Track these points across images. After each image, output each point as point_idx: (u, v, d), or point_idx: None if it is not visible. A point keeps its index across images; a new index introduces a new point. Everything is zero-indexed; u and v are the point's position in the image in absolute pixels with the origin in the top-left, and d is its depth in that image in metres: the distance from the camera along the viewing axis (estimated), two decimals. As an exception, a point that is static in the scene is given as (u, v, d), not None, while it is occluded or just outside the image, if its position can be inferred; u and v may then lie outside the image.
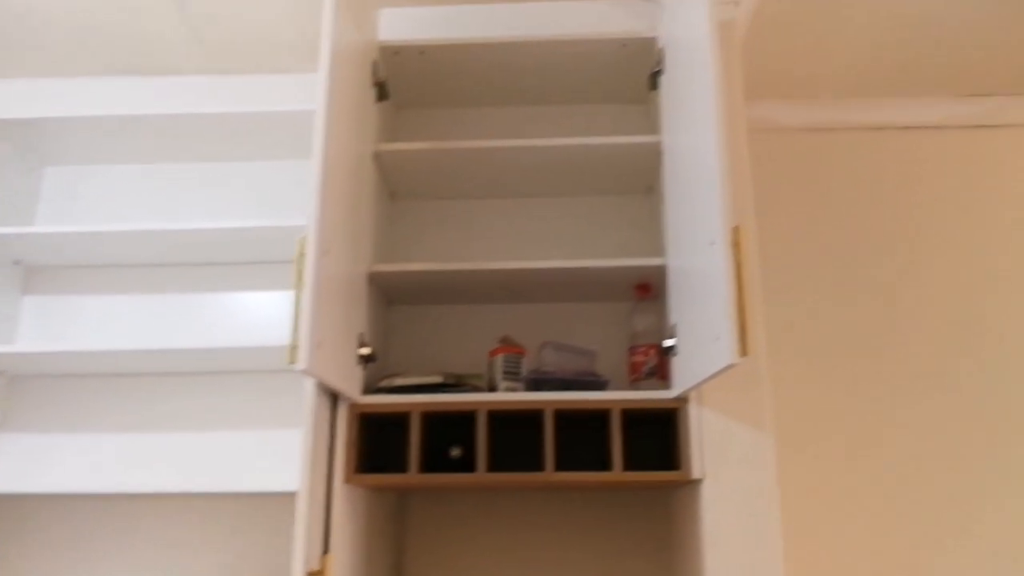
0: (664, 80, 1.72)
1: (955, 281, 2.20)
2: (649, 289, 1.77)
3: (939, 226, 2.25)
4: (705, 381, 1.38)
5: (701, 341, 1.38)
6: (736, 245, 1.30)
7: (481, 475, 1.51)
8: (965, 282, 2.20)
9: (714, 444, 1.51)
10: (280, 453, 1.97)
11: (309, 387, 1.43)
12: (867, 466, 2.09)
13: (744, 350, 1.25)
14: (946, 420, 2.11)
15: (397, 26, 1.84)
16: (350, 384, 1.50)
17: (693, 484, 1.55)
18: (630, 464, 1.53)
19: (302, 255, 1.32)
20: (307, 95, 1.94)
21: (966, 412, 2.11)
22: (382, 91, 1.78)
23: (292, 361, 1.28)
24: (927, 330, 2.17)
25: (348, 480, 1.51)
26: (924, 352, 2.16)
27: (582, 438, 1.73)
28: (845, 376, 2.15)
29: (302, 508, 1.34)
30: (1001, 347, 2.15)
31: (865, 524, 2.06)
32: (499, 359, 1.69)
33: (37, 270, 2.12)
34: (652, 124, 1.85)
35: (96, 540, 1.96)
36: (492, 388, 1.68)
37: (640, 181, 1.90)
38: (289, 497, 1.41)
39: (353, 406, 1.55)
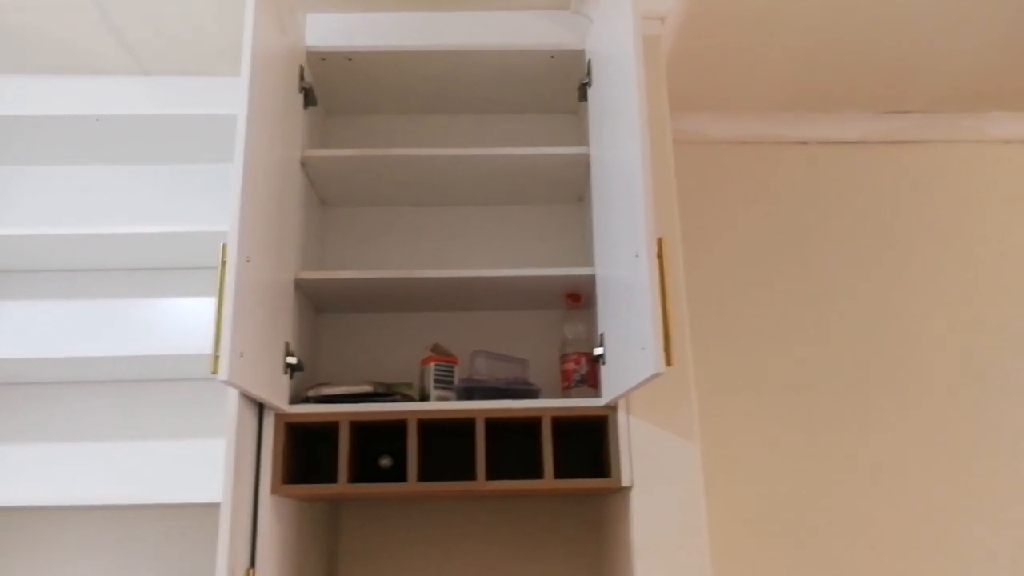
0: (592, 92, 1.74)
1: (876, 290, 2.28)
2: (579, 298, 1.78)
3: (860, 237, 2.33)
4: (632, 390, 1.40)
5: (628, 350, 1.40)
6: (660, 257, 1.32)
7: (412, 485, 1.50)
8: (886, 291, 2.28)
9: (642, 452, 1.54)
10: (206, 463, 1.93)
11: (232, 397, 1.40)
12: (794, 478, 2.14)
13: (669, 360, 1.27)
14: (873, 431, 2.18)
15: (325, 32, 1.82)
16: (276, 394, 1.47)
17: (623, 492, 1.57)
18: (561, 472, 1.55)
19: (223, 263, 1.30)
20: (233, 98, 1.92)
21: (894, 423, 2.19)
22: (309, 97, 1.76)
23: (214, 371, 1.25)
24: (852, 339, 2.25)
25: (275, 491, 1.48)
26: (849, 361, 2.23)
27: (514, 446, 1.74)
28: (772, 385, 2.21)
29: (225, 519, 1.31)
30: (925, 354, 2.24)
31: (790, 534, 2.11)
32: (431, 368, 1.68)
33: (-53, 277, 2.03)
34: (583, 134, 1.87)
35: (14, 554, 1.88)
36: (424, 397, 1.67)
37: (571, 191, 1.92)
38: (215, 508, 1.38)
39: (280, 416, 1.52)
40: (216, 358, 1.26)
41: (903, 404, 2.20)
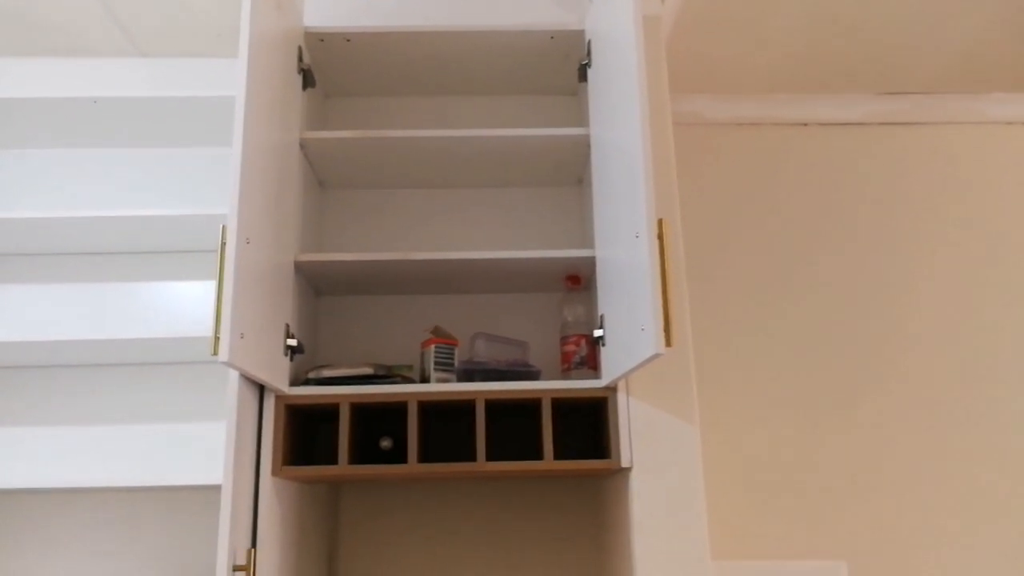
0: (592, 73, 1.73)
1: (877, 271, 2.29)
2: (579, 280, 1.78)
3: (861, 219, 2.33)
4: (632, 371, 1.40)
5: (628, 331, 1.40)
6: (660, 238, 1.32)
7: (412, 466, 1.51)
8: (887, 272, 2.28)
9: (642, 433, 1.54)
10: (207, 446, 1.93)
11: (233, 378, 1.40)
12: (793, 458, 2.15)
13: (669, 341, 1.27)
14: (874, 413, 2.19)
15: (323, 12, 1.81)
16: (276, 375, 1.48)
17: (622, 472, 1.58)
18: (561, 453, 1.55)
19: (223, 244, 1.30)
20: (231, 80, 1.90)
21: (898, 407, 2.19)
22: (307, 78, 1.75)
23: (214, 352, 1.25)
24: (850, 322, 2.25)
25: (276, 473, 1.48)
26: (850, 345, 2.23)
27: (514, 428, 1.75)
28: (773, 367, 2.21)
29: (226, 501, 1.32)
30: (925, 335, 2.24)
31: (789, 513, 2.12)
32: (431, 350, 1.68)
33: (-55, 260, 2.03)
34: (583, 115, 1.86)
35: (16, 536, 1.89)
36: (425, 379, 1.67)
37: (571, 172, 1.91)
38: (217, 490, 1.39)
39: (280, 398, 1.52)
40: (216, 339, 1.26)
41: (901, 383, 2.20)
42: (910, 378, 2.21)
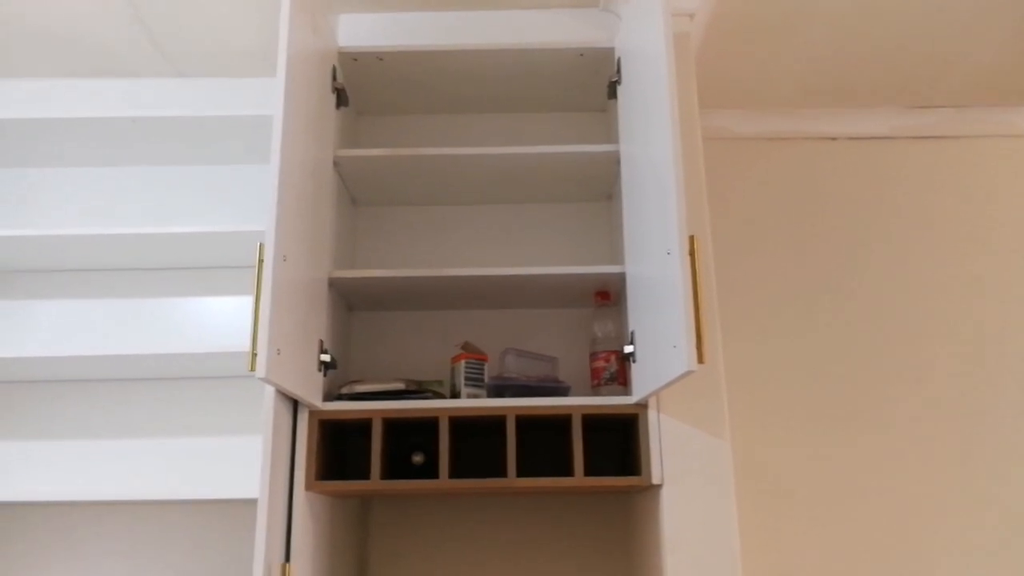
0: (621, 90, 1.74)
1: (905, 287, 2.27)
2: (609, 296, 1.79)
3: (890, 233, 2.31)
4: (663, 388, 1.40)
5: (659, 348, 1.40)
6: (692, 254, 1.33)
7: (443, 481, 1.52)
8: (915, 289, 2.27)
9: (673, 450, 1.54)
10: (241, 460, 1.95)
11: (268, 394, 1.42)
12: (823, 472, 2.14)
13: (701, 358, 1.28)
14: (904, 427, 2.16)
15: (356, 33, 1.84)
16: (311, 391, 1.49)
17: (653, 489, 1.58)
18: (591, 469, 1.55)
19: (260, 261, 1.32)
20: (266, 99, 1.94)
21: (926, 420, 2.17)
22: (341, 97, 1.78)
23: (252, 368, 1.27)
24: (880, 336, 2.23)
25: (309, 487, 1.50)
26: (879, 359, 2.21)
27: (544, 444, 1.75)
28: (802, 382, 2.20)
29: (262, 516, 1.33)
30: (954, 349, 2.22)
31: (821, 530, 2.10)
32: (461, 365, 1.69)
33: (-11, 275, 2.08)
34: (612, 132, 1.87)
35: (53, 549, 1.92)
36: (455, 395, 1.69)
37: (600, 188, 1.92)
38: (250, 504, 1.41)
39: (314, 413, 1.54)
40: (254, 356, 1.28)
41: (936, 398, 2.18)
42: (940, 397, 2.19)
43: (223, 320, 2.04)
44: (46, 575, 1.91)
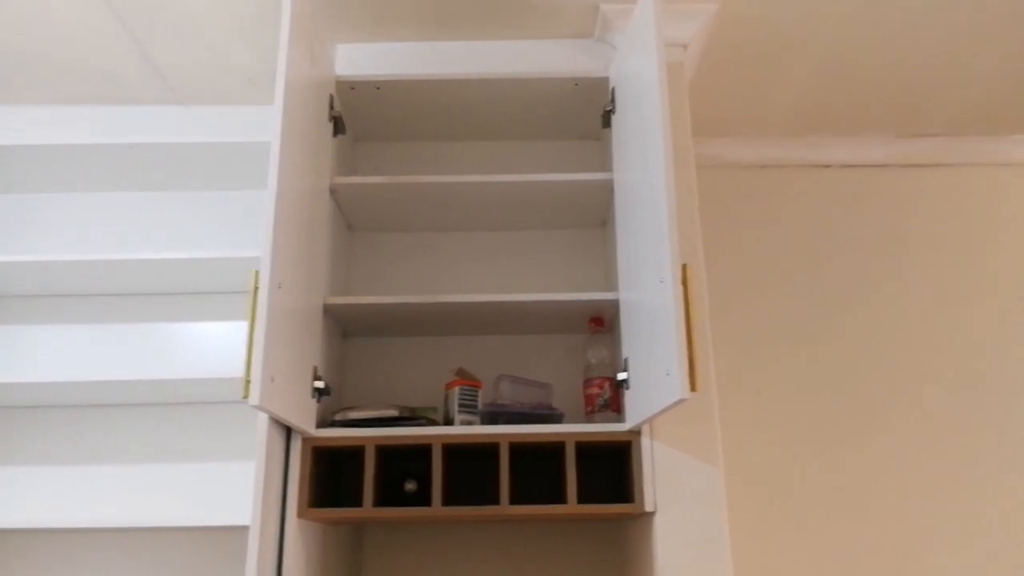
0: (616, 119, 1.76)
1: (900, 314, 2.28)
2: (603, 322, 1.79)
3: (884, 260, 2.33)
4: (656, 415, 1.41)
5: (652, 376, 1.41)
6: (685, 283, 1.33)
7: (437, 509, 1.51)
8: (910, 315, 2.28)
9: (666, 477, 1.54)
10: (234, 486, 1.95)
11: (262, 421, 1.42)
12: (815, 502, 2.13)
13: (694, 386, 1.28)
14: (898, 450, 2.17)
15: (354, 62, 1.86)
16: (304, 418, 1.49)
17: (646, 516, 1.58)
18: (584, 496, 1.55)
19: (255, 289, 1.33)
20: (263, 126, 1.96)
21: (920, 447, 2.17)
22: (338, 125, 1.80)
23: (245, 395, 1.27)
24: (875, 364, 2.24)
25: (302, 514, 1.50)
26: (875, 385, 2.22)
27: (538, 470, 1.75)
28: (794, 411, 2.21)
29: (253, 543, 1.33)
30: (947, 378, 2.23)
31: (818, 541, 2.09)
32: (455, 392, 1.69)
33: (-16, 300, 2.08)
34: (606, 160, 1.89)
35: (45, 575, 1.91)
36: (448, 421, 1.69)
37: (595, 215, 1.94)
38: (243, 531, 1.40)
39: (307, 440, 1.54)
40: (247, 383, 1.28)
41: (925, 420, 2.18)
42: (935, 416, 2.19)
43: (217, 345, 2.05)
44: (36, 602, 1.89)
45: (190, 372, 1.84)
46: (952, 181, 2.41)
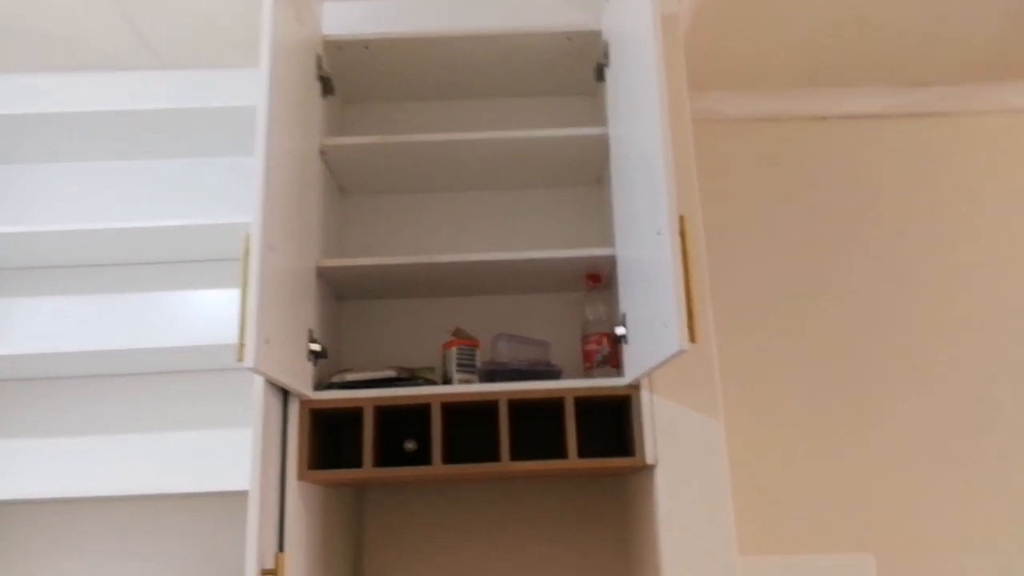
0: (609, 72, 1.73)
1: (899, 268, 2.26)
2: (599, 279, 1.78)
3: (883, 214, 2.30)
4: (655, 368, 1.40)
5: (651, 329, 1.40)
6: (682, 234, 1.32)
7: (437, 467, 1.51)
8: (910, 269, 2.26)
9: (666, 430, 1.54)
10: (234, 452, 1.95)
11: (258, 384, 1.41)
12: (818, 451, 2.13)
13: (693, 337, 1.27)
14: (900, 405, 2.16)
15: (341, 21, 1.82)
16: (300, 380, 1.49)
17: (647, 470, 1.58)
18: (585, 453, 1.55)
19: (247, 251, 1.31)
20: (252, 90, 1.92)
21: (924, 399, 2.16)
22: (327, 86, 1.77)
23: (240, 359, 1.26)
24: (874, 318, 2.22)
25: (302, 477, 1.50)
26: (874, 339, 2.21)
27: (538, 430, 1.75)
28: (795, 362, 2.20)
29: (253, 506, 1.33)
30: (947, 329, 2.21)
31: (815, 507, 2.10)
32: (453, 352, 1.69)
33: (-27, 273, 2.07)
34: (600, 115, 1.86)
35: (46, 546, 1.92)
36: (447, 381, 1.68)
37: (590, 172, 1.91)
38: (244, 496, 1.40)
39: (304, 402, 1.54)
40: (242, 346, 1.27)
41: (928, 376, 2.18)
42: (937, 371, 2.18)
43: (212, 313, 2.03)
44: (40, 572, 1.90)
45: (185, 340, 1.83)
46: (954, 131, 2.37)
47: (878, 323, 2.22)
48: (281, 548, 1.43)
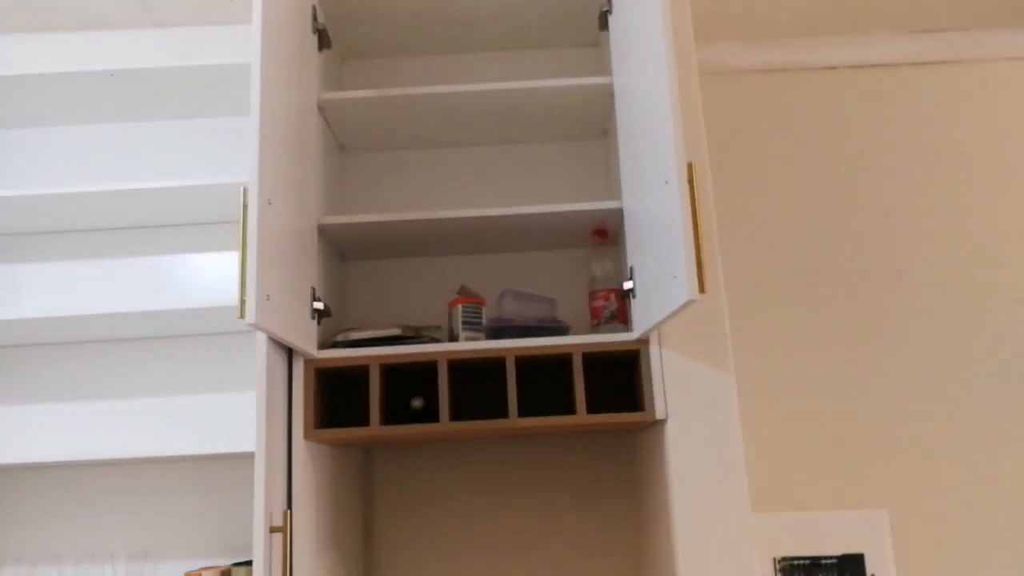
0: (613, 19, 1.68)
1: (913, 220, 2.22)
2: (607, 234, 1.75)
3: (896, 165, 2.26)
4: (665, 320, 1.37)
5: (659, 281, 1.37)
6: (691, 182, 1.28)
7: (444, 425, 1.50)
8: (923, 221, 2.22)
9: (676, 384, 1.51)
10: (240, 415, 1.95)
11: (261, 341, 1.39)
12: (828, 402, 2.11)
13: (703, 287, 1.24)
14: (912, 360, 2.13)
15: (336, -32, 1.77)
16: (305, 339, 1.46)
17: (657, 425, 1.56)
18: (594, 408, 1.53)
19: (245, 206, 1.28)
20: (248, 46, 1.88)
21: (936, 354, 2.14)
22: (323, 39, 1.72)
23: (241, 315, 1.24)
24: (887, 267, 2.19)
25: (308, 436, 1.48)
26: (887, 291, 2.17)
27: (546, 389, 1.73)
28: (805, 317, 2.17)
29: (260, 463, 1.32)
30: (960, 278, 2.18)
31: (828, 464, 2.08)
32: (459, 310, 1.66)
33: (-29, 239, 2.04)
34: (605, 67, 1.81)
35: (52, 509, 1.91)
36: (453, 339, 1.66)
37: (595, 125, 1.87)
38: (252, 458, 1.39)
39: (309, 362, 1.51)
40: (243, 303, 1.24)
41: (940, 331, 2.15)
42: (953, 323, 2.15)
43: (215, 276, 2.01)
44: (51, 534, 1.90)
45: (190, 302, 1.80)
46: (967, 78, 2.31)
47: (890, 275, 2.19)
48: (289, 507, 1.41)
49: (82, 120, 2.08)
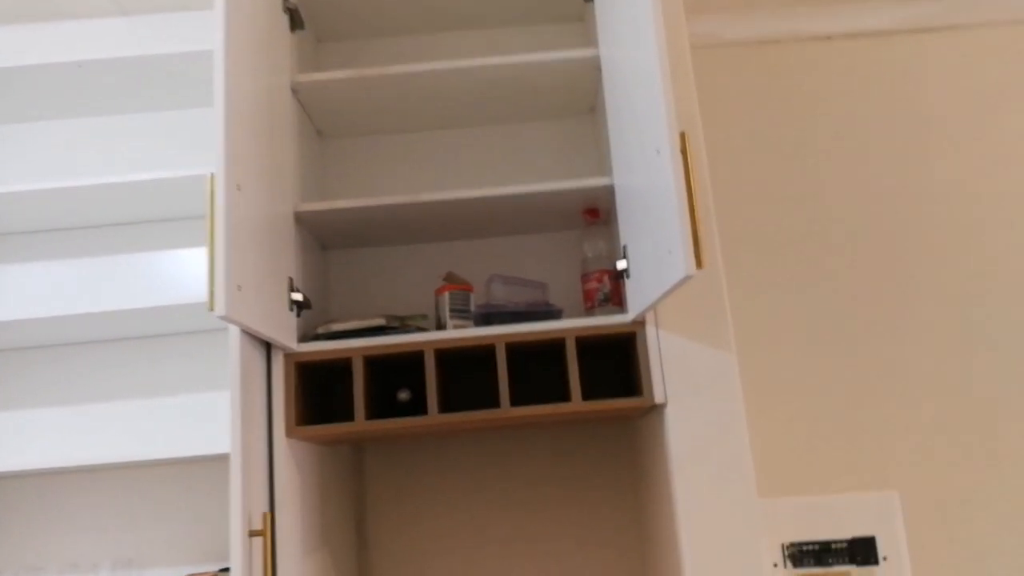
0: (598, -12, 1.61)
1: (912, 192, 2.15)
2: (598, 213, 1.68)
3: (890, 134, 2.18)
4: (661, 299, 1.30)
5: (654, 258, 1.29)
6: (684, 152, 1.21)
7: (433, 417, 1.43)
8: (923, 192, 2.15)
9: (675, 367, 1.44)
10: (218, 415, 1.88)
11: (234, 335, 1.32)
12: (836, 381, 2.04)
13: (699, 262, 1.17)
14: (919, 339, 2.06)
15: (304, -59, 1.70)
16: (283, 332, 1.39)
17: (656, 410, 1.49)
18: (590, 394, 1.46)
19: (212, 192, 1.21)
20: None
21: (942, 333, 2.07)
22: (295, 18, 1.64)
23: (211, 307, 1.17)
24: (887, 240, 2.12)
25: (290, 434, 1.41)
26: (888, 266, 2.10)
27: (538, 377, 1.66)
28: (808, 295, 2.10)
29: (235, 463, 1.24)
30: (959, 248, 2.11)
31: (836, 437, 2.02)
32: (445, 297, 1.59)
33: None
34: (591, 42, 1.74)
35: (32, 518, 1.84)
36: (440, 328, 1.58)
37: (582, 101, 1.80)
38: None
39: (289, 356, 1.44)
40: (212, 294, 1.17)
41: (948, 308, 2.08)
42: (961, 298, 2.08)
43: (191, 272, 1.94)
44: (31, 543, 1.83)
45: (164, 300, 1.73)
46: (967, 44, 2.23)
47: (892, 248, 2.11)
48: (272, 508, 1.35)
49: (51, 115, 2.00)
